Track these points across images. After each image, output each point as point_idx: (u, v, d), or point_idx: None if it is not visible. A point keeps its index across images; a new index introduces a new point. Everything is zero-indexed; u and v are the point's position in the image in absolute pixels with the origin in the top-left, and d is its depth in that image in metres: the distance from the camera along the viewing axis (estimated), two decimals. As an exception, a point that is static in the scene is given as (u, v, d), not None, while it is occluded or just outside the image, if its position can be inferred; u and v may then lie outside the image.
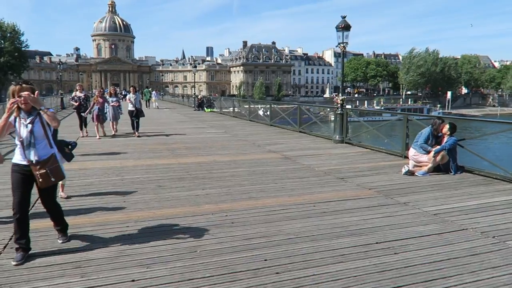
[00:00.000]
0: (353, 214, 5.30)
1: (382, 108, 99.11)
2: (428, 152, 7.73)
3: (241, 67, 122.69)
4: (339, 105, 11.97)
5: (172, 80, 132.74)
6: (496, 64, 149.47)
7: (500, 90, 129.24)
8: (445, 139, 7.75)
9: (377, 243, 4.30)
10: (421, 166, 7.78)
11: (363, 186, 6.82)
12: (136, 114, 13.85)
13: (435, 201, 5.93)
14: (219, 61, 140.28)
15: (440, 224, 4.93)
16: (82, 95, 13.55)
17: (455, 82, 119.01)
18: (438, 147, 7.65)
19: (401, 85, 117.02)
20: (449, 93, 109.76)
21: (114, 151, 10.50)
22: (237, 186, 6.78)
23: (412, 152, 7.98)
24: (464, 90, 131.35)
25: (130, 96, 14.18)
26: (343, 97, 11.93)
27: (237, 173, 7.83)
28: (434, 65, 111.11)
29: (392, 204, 5.76)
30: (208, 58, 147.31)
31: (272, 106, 18.22)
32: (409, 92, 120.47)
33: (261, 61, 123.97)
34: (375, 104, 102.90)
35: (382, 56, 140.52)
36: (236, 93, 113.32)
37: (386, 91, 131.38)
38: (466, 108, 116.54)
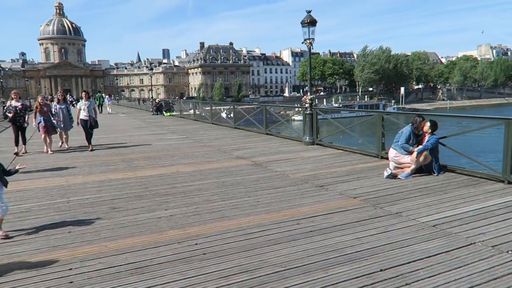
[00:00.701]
0: (344, 232, 4.57)
1: (340, 105, 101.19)
2: (410, 153, 7.20)
3: (199, 68, 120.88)
4: (307, 104, 11.33)
5: (128, 84, 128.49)
6: (443, 60, 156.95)
7: (448, 84, 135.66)
8: (426, 138, 7.25)
9: (381, 270, 3.57)
10: (402, 168, 7.24)
11: (347, 194, 6.15)
12: (91, 125, 11.79)
13: (429, 208, 5.33)
14: (176, 63, 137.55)
15: (444, 238, 4.30)
16: (18, 104, 11.04)
17: (407, 78, 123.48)
18: (420, 146, 7.13)
19: (357, 83, 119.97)
20: (402, 89, 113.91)
21: (59, 166, 9.21)
22: (205, 203, 5.87)
23: (392, 153, 7.42)
24: (416, 86, 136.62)
25: (82, 103, 11.90)
26: (311, 96, 11.30)
27: (205, 186, 6.93)
28: (387, 62, 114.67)
29: (384, 216, 5.09)
30: (165, 61, 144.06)
31: (236, 107, 17.34)
32: (365, 89, 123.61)
33: (219, 62, 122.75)
34: (333, 102, 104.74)
35: (338, 55, 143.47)
36: (195, 95, 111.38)
37: (343, 89, 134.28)
38: (418, 102, 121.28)
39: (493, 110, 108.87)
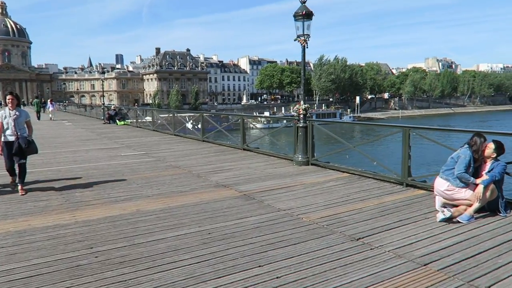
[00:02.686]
0: None
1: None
2: (468, 185, 5.23)
3: (155, 74, 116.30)
4: (301, 115, 9.20)
5: (77, 89, 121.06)
6: (394, 71, 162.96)
7: (399, 94, 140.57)
8: (488, 165, 5.32)
9: None
10: (457, 206, 5.25)
11: (408, 257, 4.00)
12: (21, 150, 7.11)
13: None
14: (131, 68, 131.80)
15: None
16: None
17: (362, 88, 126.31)
18: (486, 177, 5.17)
19: (314, 91, 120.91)
20: (357, 98, 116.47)
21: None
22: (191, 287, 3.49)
23: (442, 185, 5.40)
24: (370, 96, 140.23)
25: (5, 113, 7.17)
26: (306, 105, 9.18)
27: (183, 243, 4.51)
28: (343, 72, 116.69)
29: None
30: (118, 66, 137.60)
31: (204, 116, 14.82)
32: (322, 98, 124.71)
33: (175, 68, 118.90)
34: (291, 110, 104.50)
35: (295, 64, 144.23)
36: (151, 102, 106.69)
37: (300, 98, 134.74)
38: (372, 112, 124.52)
39: (441, 119, 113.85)
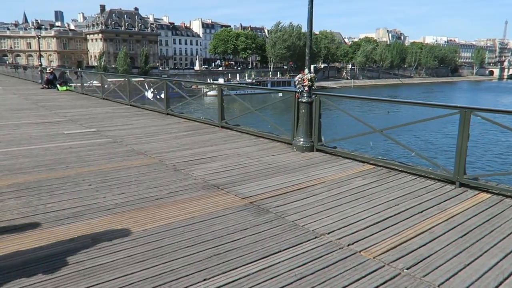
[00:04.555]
0: None
1: (253, 81, 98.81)
2: None
3: (100, 34, 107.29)
4: (305, 87, 7.17)
5: (11, 47, 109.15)
6: (347, 40, 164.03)
7: (351, 64, 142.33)
8: None
9: None
10: None
11: None
12: None
13: None
14: (72, 27, 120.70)
15: None
16: None
17: (316, 56, 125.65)
18: None
19: (269, 59, 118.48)
20: (312, 67, 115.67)
21: None
22: None
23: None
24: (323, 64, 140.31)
25: None
26: (311, 74, 7.14)
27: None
28: (298, 39, 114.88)
29: None
30: (58, 24, 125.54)
31: (170, 83, 12.19)
32: (277, 65, 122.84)
33: (123, 28, 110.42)
34: (246, 77, 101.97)
35: (249, 29, 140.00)
36: (96, 64, 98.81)
37: (255, 64, 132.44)
38: (325, 80, 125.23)
39: (390, 89, 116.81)
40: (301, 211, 4.41)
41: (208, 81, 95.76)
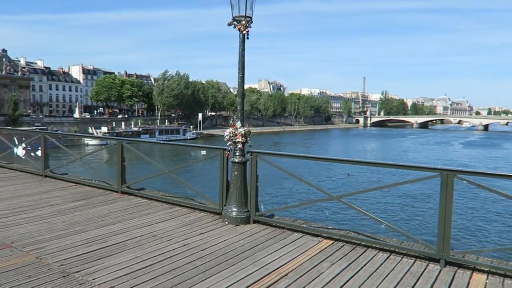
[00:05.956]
0: None
1: (140, 129, 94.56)
2: None
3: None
4: (239, 144, 5.81)
5: None
6: (232, 90, 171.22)
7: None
8: None
9: None
10: None
11: None
12: None
13: None
14: None
15: None
16: None
17: (204, 105, 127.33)
18: None
19: (156, 106, 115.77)
20: (200, 115, 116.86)
21: None
22: None
23: None
24: (210, 113, 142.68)
25: None
26: (245, 128, 5.84)
27: None
28: (186, 88, 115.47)
29: None
30: None
31: (47, 137, 9.57)
32: (164, 114, 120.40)
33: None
34: (132, 126, 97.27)
35: (135, 76, 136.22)
36: None
37: (141, 112, 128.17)
38: (213, 128, 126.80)
39: (275, 136, 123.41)
40: None
41: (90, 129, 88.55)
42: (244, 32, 5.67)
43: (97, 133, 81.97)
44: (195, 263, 4.35)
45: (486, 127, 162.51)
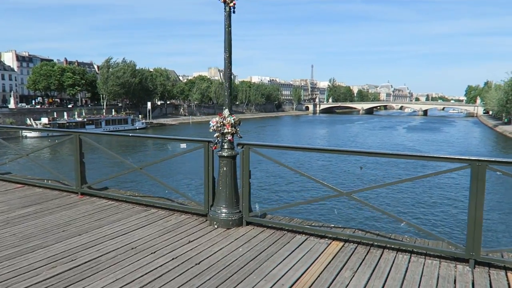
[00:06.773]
0: None
1: (85, 119, 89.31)
2: None
3: None
4: (228, 136, 5.00)
5: None
6: (181, 78, 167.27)
7: (188, 101, 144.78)
8: None
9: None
10: None
11: None
12: None
13: None
14: None
15: None
16: None
17: (152, 93, 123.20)
18: None
19: (101, 96, 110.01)
20: (149, 104, 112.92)
21: None
22: None
23: None
24: (160, 101, 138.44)
25: None
26: (234, 117, 5.04)
27: None
28: (133, 76, 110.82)
29: None
30: None
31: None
32: (110, 103, 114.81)
33: None
34: (76, 116, 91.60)
35: (76, 64, 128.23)
36: None
37: (85, 102, 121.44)
38: (163, 117, 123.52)
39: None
40: None
41: (28, 121, 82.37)
42: (231, 4, 4.83)
43: (37, 125, 76.46)
44: (193, 282, 3.54)
45: (425, 112, 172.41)
